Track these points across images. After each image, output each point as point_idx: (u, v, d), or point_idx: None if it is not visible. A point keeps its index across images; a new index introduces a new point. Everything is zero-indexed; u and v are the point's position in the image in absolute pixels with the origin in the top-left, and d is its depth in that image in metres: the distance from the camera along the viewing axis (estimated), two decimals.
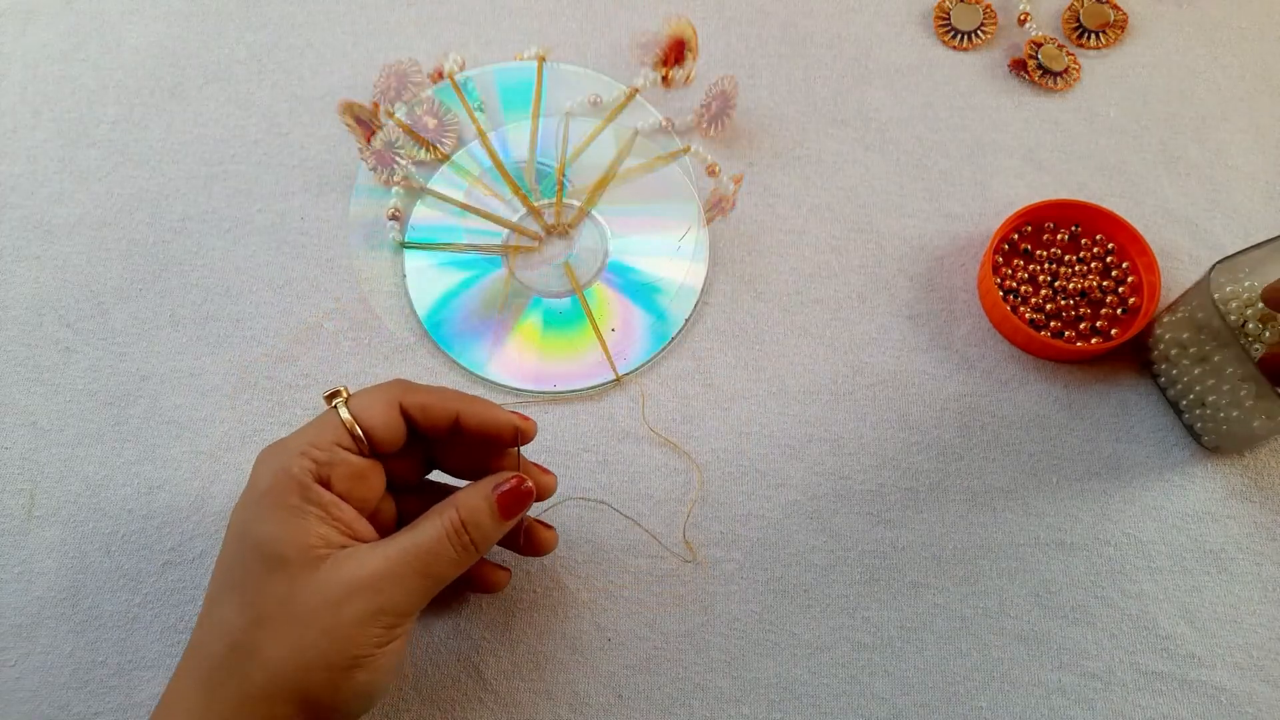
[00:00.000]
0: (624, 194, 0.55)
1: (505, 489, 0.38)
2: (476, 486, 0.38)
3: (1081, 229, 0.52)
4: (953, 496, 0.47)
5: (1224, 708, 0.43)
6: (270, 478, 0.36)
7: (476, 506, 0.38)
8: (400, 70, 0.56)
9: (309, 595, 0.34)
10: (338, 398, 0.38)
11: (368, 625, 0.35)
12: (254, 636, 0.34)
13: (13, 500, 0.47)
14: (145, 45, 0.59)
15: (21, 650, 0.45)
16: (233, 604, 0.35)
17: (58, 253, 0.53)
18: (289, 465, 0.36)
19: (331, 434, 0.37)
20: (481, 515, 0.38)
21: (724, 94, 0.54)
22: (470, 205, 0.54)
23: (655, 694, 0.44)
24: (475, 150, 0.56)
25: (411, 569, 0.36)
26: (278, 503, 0.35)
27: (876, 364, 0.50)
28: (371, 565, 0.35)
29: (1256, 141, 0.56)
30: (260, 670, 0.34)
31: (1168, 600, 0.45)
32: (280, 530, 0.35)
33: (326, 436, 0.37)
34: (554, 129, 0.56)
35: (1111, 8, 0.59)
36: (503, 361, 0.50)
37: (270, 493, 0.35)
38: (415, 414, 0.39)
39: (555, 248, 0.54)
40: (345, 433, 0.37)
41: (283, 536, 0.35)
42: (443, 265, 0.53)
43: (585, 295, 0.52)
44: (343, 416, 0.37)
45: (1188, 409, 0.47)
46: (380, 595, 0.35)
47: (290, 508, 0.35)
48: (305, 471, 0.36)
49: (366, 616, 0.34)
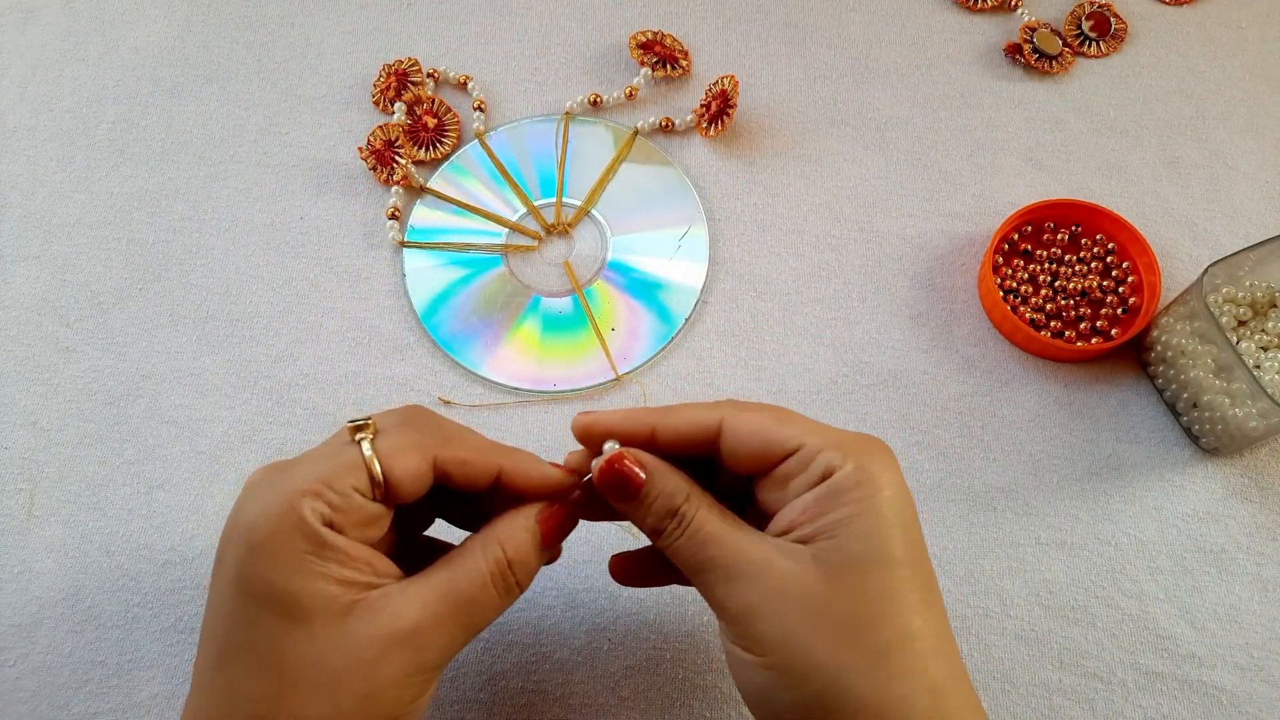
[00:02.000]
0: (623, 193, 0.55)
1: (550, 519, 0.34)
2: (516, 516, 0.34)
3: (1082, 229, 0.52)
4: (953, 496, 0.47)
5: (1224, 708, 0.43)
6: (268, 523, 0.30)
7: (522, 541, 0.33)
8: (399, 70, 0.56)
9: (339, 654, 0.30)
10: (363, 431, 0.32)
11: (404, 685, 0.31)
12: (281, 706, 0.30)
13: (13, 500, 0.47)
14: (145, 45, 0.59)
15: (21, 650, 0.45)
16: (247, 668, 0.30)
17: (57, 252, 0.53)
18: (296, 504, 0.30)
19: (350, 476, 0.31)
20: (528, 551, 0.33)
21: (724, 94, 0.54)
22: (470, 204, 0.54)
23: (655, 695, 0.44)
24: (474, 150, 0.56)
25: (453, 620, 0.31)
26: (282, 551, 0.30)
27: (876, 364, 0.50)
28: (409, 616, 0.31)
29: (1256, 141, 0.56)
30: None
31: (1168, 600, 0.45)
32: (290, 580, 0.30)
33: (344, 479, 0.31)
34: (554, 129, 0.56)
35: (1112, 15, 0.59)
36: (501, 361, 0.50)
37: (272, 539, 0.30)
38: (451, 470, 0.33)
39: (555, 247, 0.54)
40: (364, 475, 0.31)
41: (295, 587, 0.30)
42: (442, 265, 0.53)
43: (585, 294, 0.52)
44: (366, 456, 0.32)
45: (1184, 410, 0.47)
46: (420, 651, 0.31)
47: (297, 555, 0.30)
48: (316, 515, 0.30)
49: (403, 676, 0.30)
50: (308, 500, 0.30)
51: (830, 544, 0.31)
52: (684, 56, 0.58)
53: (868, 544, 0.30)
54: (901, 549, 0.31)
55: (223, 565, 0.31)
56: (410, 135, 0.55)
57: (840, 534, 0.30)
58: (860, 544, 0.30)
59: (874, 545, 0.30)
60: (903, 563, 0.30)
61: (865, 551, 0.30)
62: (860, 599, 0.30)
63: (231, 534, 0.31)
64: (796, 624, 0.30)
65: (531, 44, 0.59)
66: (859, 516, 0.31)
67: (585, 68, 0.58)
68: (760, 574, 0.31)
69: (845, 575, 0.30)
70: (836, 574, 0.30)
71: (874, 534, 0.30)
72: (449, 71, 0.58)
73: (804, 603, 0.30)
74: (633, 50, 0.57)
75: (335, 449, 0.32)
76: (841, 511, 0.31)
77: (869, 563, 0.30)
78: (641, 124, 0.56)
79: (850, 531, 0.30)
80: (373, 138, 0.55)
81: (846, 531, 0.30)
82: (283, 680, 0.30)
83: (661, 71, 0.56)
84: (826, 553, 0.30)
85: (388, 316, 0.51)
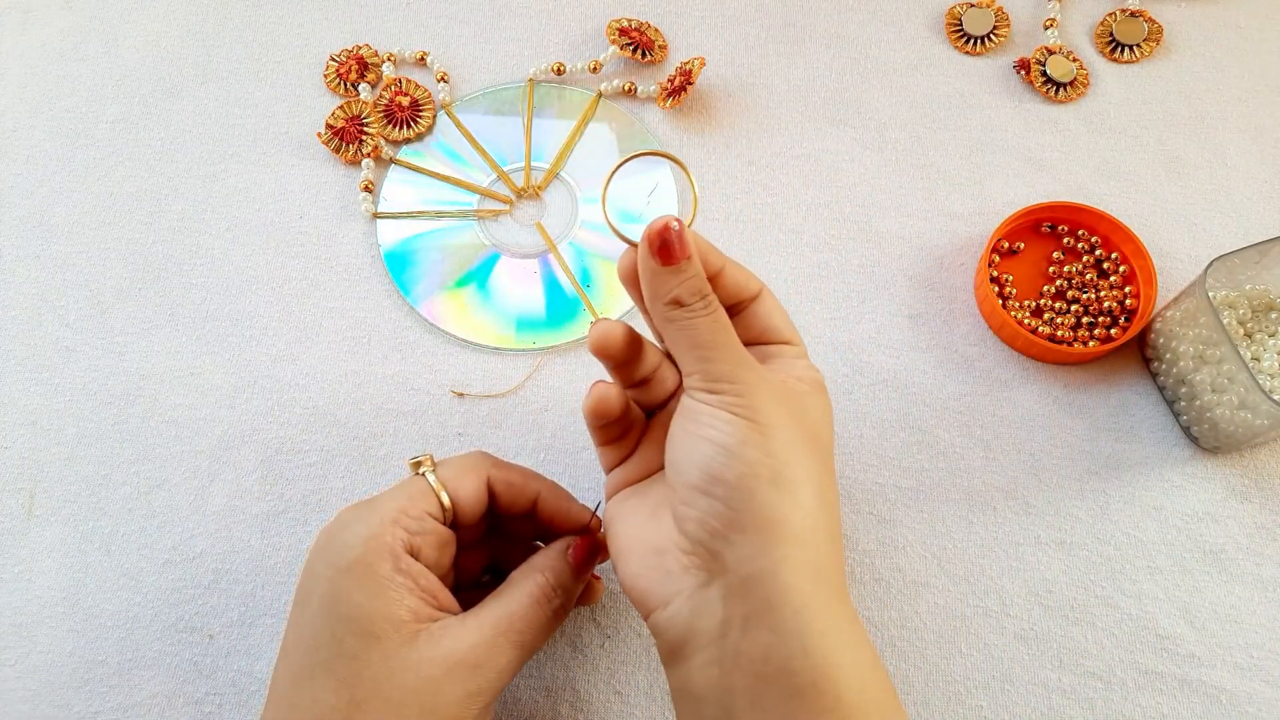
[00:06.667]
0: (591, 156, 0.56)
1: (579, 547, 0.38)
2: (551, 548, 0.39)
3: (1080, 230, 0.52)
4: (953, 496, 0.47)
5: (1224, 708, 0.43)
6: (360, 545, 0.34)
7: (560, 568, 0.37)
8: (358, 55, 0.57)
9: (406, 674, 0.33)
10: (424, 465, 0.38)
11: (465, 705, 0.34)
12: (353, 718, 0.33)
13: (13, 500, 0.47)
14: (145, 45, 0.59)
15: (21, 650, 0.45)
16: (327, 683, 0.33)
17: (57, 252, 0.53)
18: (382, 534, 0.34)
19: (423, 502, 0.36)
20: (565, 575, 0.37)
21: (688, 72, 0.55)
22: (440, 173, 0.55)
23: (655, 691, 0.44)
24: (442, 121, 0.57)
25: (506, 640, 0.35)
26: (369, 573, 0.34)
27: (876, 364, 0.50)
28: (468, 640, 0.34)
29: (1256, 141, 0.56)
30: None
31: (1168, 600, 0.45)
32: (372, 603, 0.33)
33: (419, 505, 0.36)
34: (518, 95, 0.57)
35: (1146, 21, 0.59)
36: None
37: (361, 561, 0.34)
38: (501, 490, 0.38)
39: (526, 210, 0.54)
40: (435, 501, 0.37)
41: (376, 610, 0.33)
42: (416, 237, 0.54)
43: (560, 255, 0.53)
44: (433, 484, 0.37)
45: (1184, 410, 0.47)
46: (479, 673, 0.34)
47: (382, 578, 0.34)
48: (399, 541, 0.35)
49: (464, 697, 0.33)
50: (392, 527, 0.35)
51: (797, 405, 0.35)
52: (661, 50, 0.58)
53: (820, 416, 0.36)
54: (829, 445, 0.36)
55: (310, 589, 0.35)
56: (387, 116, 0.56)
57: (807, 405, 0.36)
58: (815, 414, 0.36)
59: (823, 423, 0.36)
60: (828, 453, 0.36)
61: (820, 420, 0.36)
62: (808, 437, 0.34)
63: (320, 560, 0.35)
64: (775, 411, 0.33)
65: (523, 39, 0.59)
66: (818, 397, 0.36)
67: (555, 42, 0.59)
68: (760, 370, 0.34)
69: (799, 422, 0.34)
70: (799, 414, 0.35)
71: (824, 414, 0.36)
72: (404, 52, 0.58)
73: (785, 402, 0.34)
74: (610, 33, 0.58)
75: (405, 483, 0.37)
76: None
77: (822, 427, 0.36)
78: (605, 86, 0.57)
79: (811, 402, 0.36)
80: (333, 119, 0.55)
81: (810, 402, 0.36)
82: (357, 696, 0.33)
83: (630, 54, 0.57)
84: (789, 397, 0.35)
85: (388, 315, 0.51)
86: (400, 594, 0.34)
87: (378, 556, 0.34)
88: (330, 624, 0.34)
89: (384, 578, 0.34)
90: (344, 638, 0.33)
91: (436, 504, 0.37)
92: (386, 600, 0.34)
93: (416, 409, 0.49)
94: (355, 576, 0.34)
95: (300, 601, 0.35)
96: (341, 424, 0.49)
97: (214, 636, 0.45)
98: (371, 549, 0.34)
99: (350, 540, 0.35)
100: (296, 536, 0.46)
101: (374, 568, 0.34)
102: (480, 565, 0.42)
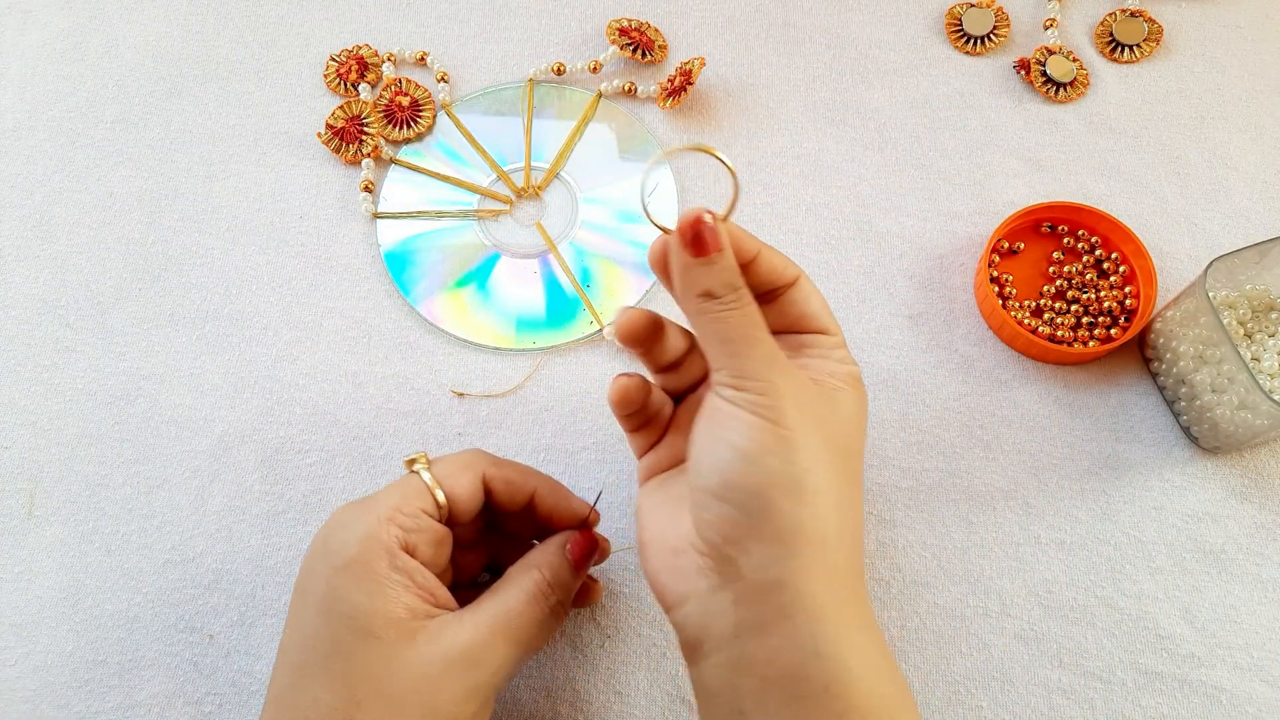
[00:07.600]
0: (591, 156, 0.56)
1: (577, 543, 0.38)
2: (549, 544, 0.38)
3: (1080, 230, 0.52)
4: (953, 496, 0.47)
5: (1224, 708, 0.43)
6: (357, 544, 0.34)
7: (558, 564, 0.37)
8: (358, 55, 0.57)
9: (405, 672, 0.33)
10: (418, 463, 0.38)
11: (464, 701, 0.34)
12: (352, 717, 0.33)
13: (13, 500, 0.47)
14: (145, 45, 0.59)
15: (21, 650, 0.45)
16: (326, 681, 0.33)
17: (57, 253, 0.53)
18: (377, 532, 0.35)
19: (418, 500, 0.36)
20: (562, 571, 0.37)
21: (688, 72, 0.55)
22: (440, 173, 0.55)
23: (655, 691, 0.44)
24: (442, 122, 0.57)
25: (504, 637, 0.35)
26: (366, 571, 0.34)
27: (876, 364, 0.50)
28: (465, 637, 0.34)
29: (1256, 141, 0.56)
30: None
31: (1168, 600, 0.45)
32: (370, 601, 0.34)
33: (414, 503, 0.36)
34: (518, 95, 0.57)
35: (1146, 21, 0.59)
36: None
37: (358, 560, 0.34)
38: (497, 487, 0.39)
39: (526, 210, 0.54)
40: (430, 499, 0.37)
41: (374, 608, 0.34)
42: (416, 236, 0.54)
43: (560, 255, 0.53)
44: (428, 482, 0.37)
45: (1184, 410, 0.47)
46: (477, 669, 0.34)
47: (379, 576, 0.34)
48: (395, 539, 0.35)
49: (463, 694, 0.34)
50: (387, 525, 0.35)
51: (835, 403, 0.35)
52: (661, 50, 0.58)
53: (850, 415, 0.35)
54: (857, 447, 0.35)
55: (307, 589, 0.35)
56: (387, 116, 0.56)
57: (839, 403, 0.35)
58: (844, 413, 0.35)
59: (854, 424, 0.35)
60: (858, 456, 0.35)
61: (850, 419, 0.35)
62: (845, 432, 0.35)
63: (317, 559, 0.35)
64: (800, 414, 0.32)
65: (522, 39, 0.59)
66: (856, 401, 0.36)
67: (555, 42, 0.59)
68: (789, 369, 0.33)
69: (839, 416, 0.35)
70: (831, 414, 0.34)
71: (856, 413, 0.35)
72: (404, 52, 0.58)
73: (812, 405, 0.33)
74: (610, 33, 0.57)
75: (400, 481, 0.37)
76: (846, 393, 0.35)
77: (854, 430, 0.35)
78: (605, 86, 0.57)
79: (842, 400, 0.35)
80: (333, 119, 0.55)
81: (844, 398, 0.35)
82: (356, 694, 0.33)
83: (629, 54, 0.57)
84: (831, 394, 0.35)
85: (388, 315, 0.51)
86: (397, 592, 0.34)
87: (374, 555, 0.34)
88: (328, 623, 0.34)
89: (381, 576, 0.34)
90: (342, 636, 0.33)
91: (432, 501, 0.37)
92: (384, 598, 0.34)
93: (416, 409, 0.49)
94: (352, 575, 0.34)
95: (298, 601, 0.35)
96: (341, 424, 0.49)
97: (214, 636, 0.45)
98: (368, 547, 0.34)
99: (346, 539, 0.35)
100: (296, 536, 0.46)
101: (371, 566, 0.34)
102: (479, 564, 0.42)
